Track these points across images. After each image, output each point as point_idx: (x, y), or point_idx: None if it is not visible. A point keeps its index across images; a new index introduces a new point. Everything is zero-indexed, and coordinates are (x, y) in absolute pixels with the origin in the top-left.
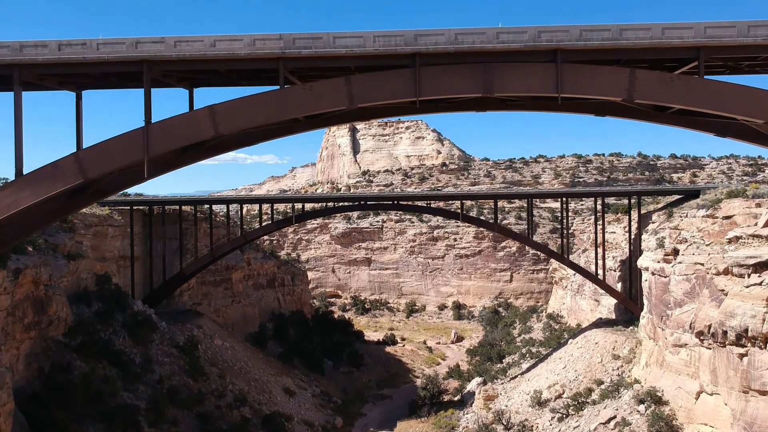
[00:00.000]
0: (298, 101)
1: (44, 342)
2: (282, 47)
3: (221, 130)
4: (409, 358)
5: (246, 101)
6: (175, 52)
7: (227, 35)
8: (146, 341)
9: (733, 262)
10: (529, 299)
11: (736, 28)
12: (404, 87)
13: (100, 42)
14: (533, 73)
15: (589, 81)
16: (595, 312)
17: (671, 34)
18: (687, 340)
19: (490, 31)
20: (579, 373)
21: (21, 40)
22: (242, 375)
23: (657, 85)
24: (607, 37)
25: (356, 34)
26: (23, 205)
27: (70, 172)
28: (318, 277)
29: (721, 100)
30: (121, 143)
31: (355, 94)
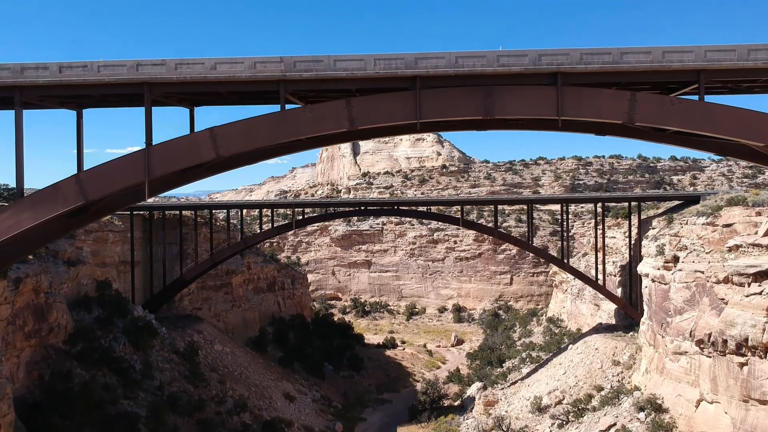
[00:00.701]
0: (298, 123)
1: (44, 350)
2: (283, 70)
3: (222, 153)
4: (409, 361)
5: (247, 124)
6: (176, 74)
7: (228, 58)
8: (146, 347)
9: (733, 270)
10: (529, 302)
11: (736, 52)
12: (405, 109)
13: (101, 64)
14: (534, 96)
15: (590, 104)
16: (595, 316)
17: (671, 58)
18: (687, 347)
19: (491, 54)
20: (579, 379)
21: (22, 63)
22: (242, 380)
23: (657, 109)
24: (607, 60)
25: (357, 57)
26: (24, 227)
27: (71, 194)
28: (318, 280)
29: (721, 123)
30: (122, 165)
31: (355, 116)
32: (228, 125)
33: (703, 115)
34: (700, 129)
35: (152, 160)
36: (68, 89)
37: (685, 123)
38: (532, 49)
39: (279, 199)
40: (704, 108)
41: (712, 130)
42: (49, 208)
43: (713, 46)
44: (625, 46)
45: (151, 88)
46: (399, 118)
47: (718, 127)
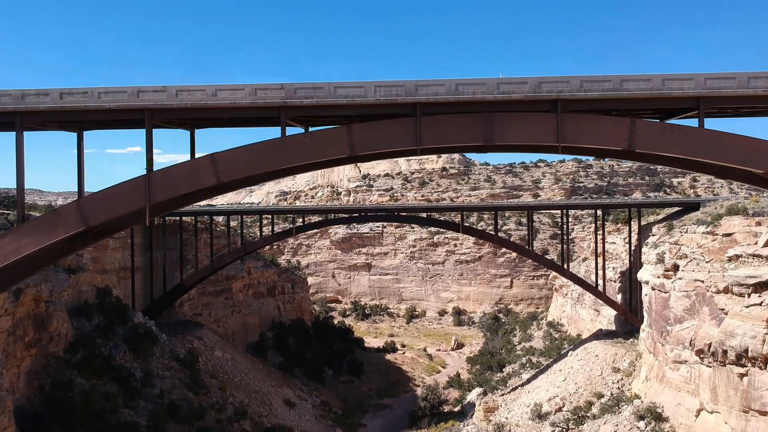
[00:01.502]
0: (299, 150)
1: (45, 359)
2: (283, 97)
3: (223, 179)
4: (409, 365)
5: (248, 150)
6: (177, 101)
7: (228, 85)
8: (147, 354)
9: (733, 281)
10: (529, 305)
11: (736, 80)
12: (405, 136)
13: (102, 91)
14: (534, 123)
15: (590, 131)
16: (595, 322)
17: (671, 85)
18: (687, 356)
19: (491, 81)
20: (579, 386)
21: (23, 89)
22: (242, 387)
23: (657, 136)
24: (607, 87)
25: (357, 84)
26: (25, 252)
27: (72, 220)
28: (318, 282)
29: (721, 150)
30: (123, 191)
31: (356, 142)
32: (229, 151)
33: (703, 143)
34: (700, 156)
35: (153, 186)
36: (69, 114)
37: (685, 150)
38: (532, 77)
39: (279, 200)
40: (704, 135)
41: (712, 157)
42: (50, 233)
43: (713, 73)
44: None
45: (152, 113)
46: (399, 145)
47: (719, 154)
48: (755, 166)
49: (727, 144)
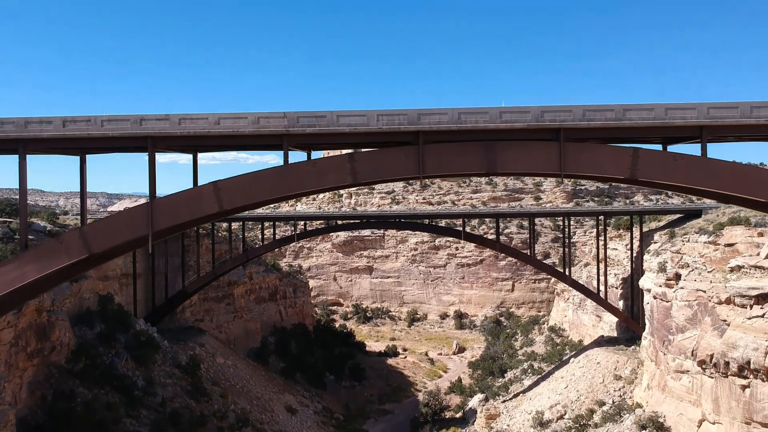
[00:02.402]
0: (302, 178)
1: (47, 369)
2: (286, 125)
3: (225, 206)
4: (410, 370)
5: (250, 178)
6: (180, 129)
7: (231, 113)
8: (148, 362)
9: (735, 292)
10: (530, 308)
11: (739, 109)
12: (408, 164)
13: (105, 119)
14: (536, 151)
15: (592, 160)
16: (597, 328)
17: (674, 115)
18: (689, 366)
19: (493, 110)
20: (581, 394)
21: (26, 117)
22: (244, 394)
23: (659, 165)
24: (610, 117)
25: (360, 113)
26: (28, 279)
27: (75, 248)
28: (320, 285)
29: (723, 180)
30: (126, 219)
31: (358, 170)
32: (232, 179)
33: (705, 172)
34: (702, 185)
35: (156, 214)
36: (72, 142)
37: (687, 179)
38: (534, 106)
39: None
40: (707, 164)
41: (714, 186)
42: (53, 261)
43: (716, 103)
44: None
45: (155, 141)
46: (402, 173)
47: (721, 183)
48: (757, 195)
49: (729, 173)
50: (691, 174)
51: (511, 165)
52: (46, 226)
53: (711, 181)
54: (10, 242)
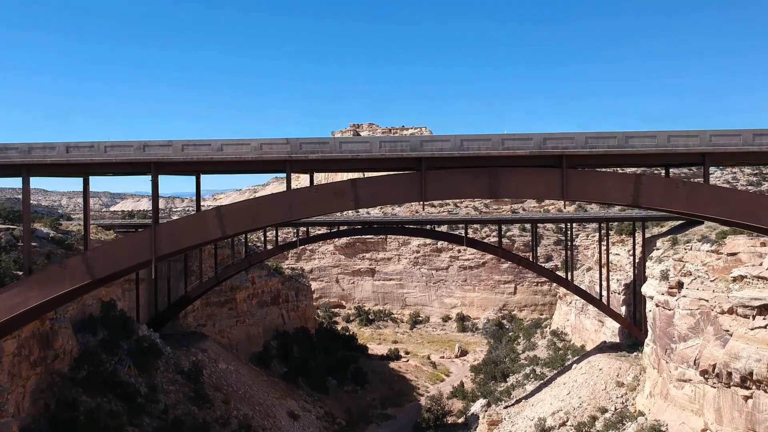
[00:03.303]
0: (305, 204)
1: (50, 377)
2: (289, 152)
3: (228, 232)
4: (413, 374)
5: (253, 203)
6: (183, 156)
7: (234, 140)
8: (151, 368)
9: (738, 302)
10: (533, 311)
11: (741, 137)
12: (410, 190)
13: (108, 145)
14: (538, 177)
15: (595, 187)
16: (599, 333)
17: (677, 142)
18: (691, 375)
19: (496, 137)
20: (583, 400)
21: (29, 143)
22: (247, 399)
23: (662, 192)
24: (612, 144)
25: (362, 139)
26: (32, 304)
27: (78, 273)
28: (322, 288)
29: (726, 206)
30: (129, 245)
31: (361, 196)
32: (235, 205)
33: (708, 199)
34: (704, 212)
35: (159, 240)
36: (75, 168)
37: (689, 206)
38: (537, 133)
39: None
40: (709, 191)
41: (717, 213)
42: (56, 286)
43: (718, 130)
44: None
45: (158, 166)
46: (405, 199)
47: (723, 210)
48: (760, 222)
49: (731, 200)
50: (694, 200)
51: (514, 191)
52: (49, 233)
53: (713, 208)
54: (13, 250)
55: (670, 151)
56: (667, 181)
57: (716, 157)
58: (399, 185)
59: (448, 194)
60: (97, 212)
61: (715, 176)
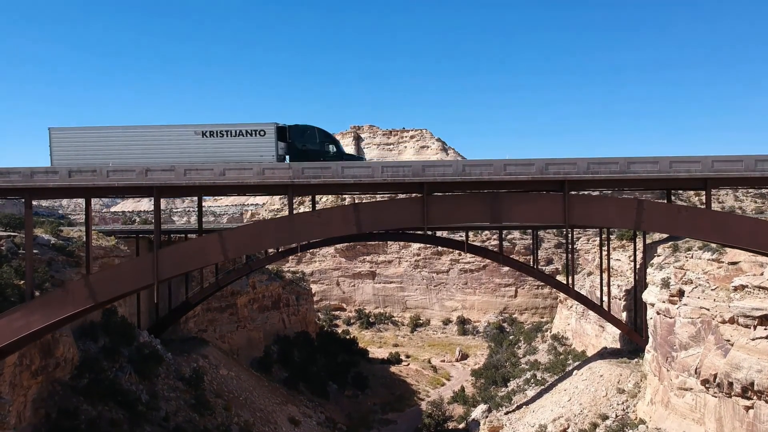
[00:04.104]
0: (306, 228)
1: (51, 385)
2: (291, 176)
3: (230, 256)
4: (413, 378)
5: (255, 228)
6: (185, 180)
7: (236, 164)
8: (152, 375)
9: (739, 312)
10: (533, 314)
11: (744, 163)
12: (412, 215)
13: (110, 169)
14: (541, 202)
15: (598, 212)
16: (600, 338)
17: (679, 168)
18: (692, 384)
19: (498, 163)
20: (584, 407)
21: (32, 167)
22: (247, 406)
23: (664, 217)
24: (614, 170)
25: (365, 164)
26: (34, 328)
27: (81, 297)
28: (322, 290)
29: (728, 232)
30: (131, 269)
31: (363, 221)
32: (237, 229)
33: (710, 225)
34: (707, 238)
35: (161, 264)
36: (77, 192)
37: (692, 232)
38: (539, 158)
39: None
40: (711, 217)
41: (719, 239)
42: (59, 310)
43: (721, 156)
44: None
45: (160, 191)
46: (407, 223)
47: (726, 236)
48: (762, 248)
49: (734, 226)
50: (696, 226)
51: (516, 216)
52: (50, 240)
53: (716, 234)
54: (14, 258)
55: (672, 177)
56: (669, 207)
57: (718, 182)
58: (401, 210)
59: (450, 219)
60: (98, 212)
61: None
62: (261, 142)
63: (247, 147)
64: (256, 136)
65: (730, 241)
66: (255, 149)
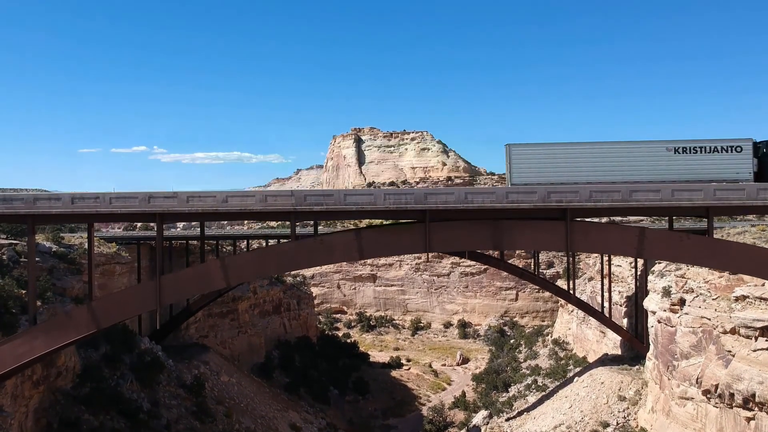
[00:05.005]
0: (309, 254)
1: (52, 395)
2: (293, 204)
3: (232, 283)
4: (414, 383)
5: (258, 255)
6: (187, 207)
7: (239, 191)
8: (153, 383)
9: (740, 323)
10: (534, 318)
11: (746, 191)
12: (414, 242)
13: (113, 196)
14: (543, 229)
15: (599, 240)
16: (601, 343)
17: (681, 196)
18: (693, 394)
19: (500, 191)
20: (585, 414)
21: (35, 193)
22: (249, 412)
23: (665, 245)
24: (616, 198)
25: (367, 192)
26: (36, 354)
27: (83, 323)
28: (323, 293)
29: (730, 260)
30: (134, 295)
31: (365, 247)
32: (239, 256)
33: (712, 253)
34: (709, 266)
35: (164, 290)
36: (80, 218)
37: (694, 259)
38: (541, 187)
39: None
40: (713, 244)
41: (721, 266)
42: (62, 336)
43: (722, 184)
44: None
45: (162, 217)
46: (409, 250)
47: (728, 263)
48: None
49: (736, 253)
50: (698, 254)
51: (518, 242)
52: (52, 247)
53: (718, 261)
54: (16, 267)
55: (675, 205)
56: (671, 235)
57: (720, 210)
58: (403, 236)
59: (452, 246)
60: None
61: None
62: (736, 159)
63: (721, 164)
64: (731, 152)
65: (734, 269)
66: (730, 166)
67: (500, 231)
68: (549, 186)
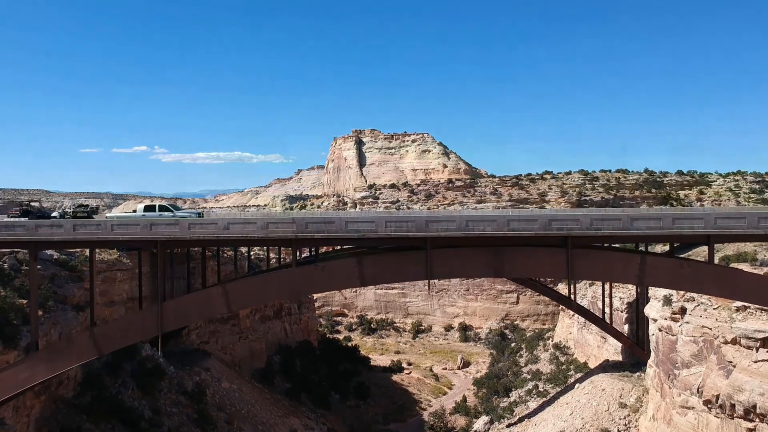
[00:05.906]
0: (310, 281)
1: (54, 404)
2: (295, 231)
3: (234, 309)
4: (415, 387)
5: (260, 281)
6: (189, 234)
7: (240, 218)
8: (154, 390)
9: (741, 333)
10: (535, 321)
11: (746, 220)
12: (416, 269)
13: (115, 223)
14: (544, 257)
15: (601, 267)
16: (602, 349)
17: (682, 225)
18: (694, 403)
19: (501, 218)
20: (585, 421)
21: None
22: (249, 419)
23: (667, 272)
24: (617, 226)
25: (368, 219)
26: (39, 379)
27: (85, 349)
28: (324, 296)
29: (731, 287)
30: (136, 321)
31: (366, 274)
32: (241, 281)
33: (713, 280)
34: (710, 293)
35: (165, 316)
36: (82, 245)
37: (695, 286)
38: (542, 214)
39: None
40: (715, 272)
41: (723, 294)
42: (63, 362)
43: (724, 213)
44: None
45: (164, 244)
46: (410, 277)
47: (731, 292)
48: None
49: (738, 281)
50: (700, 281)
51: (519, 270)
52: (53, 254)
53: (720, 289)
54: (17, 275)
55: (676, 234)
56: (671, 262)
57: (721, 239)
58: (405, 263)
59: (453, 272)
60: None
61: (718, 183)
62: None
63: None
64: None
65: (735, 296)
66: None
67: (502, 258)
68: (550, 214)
